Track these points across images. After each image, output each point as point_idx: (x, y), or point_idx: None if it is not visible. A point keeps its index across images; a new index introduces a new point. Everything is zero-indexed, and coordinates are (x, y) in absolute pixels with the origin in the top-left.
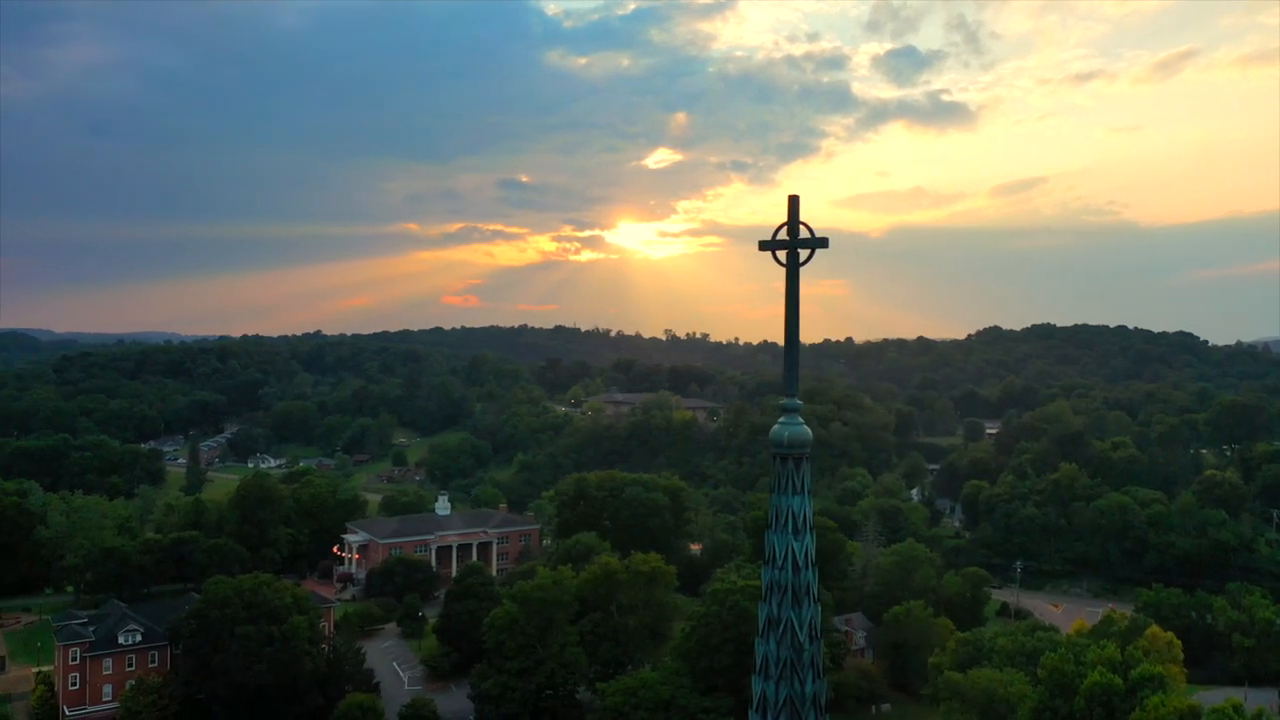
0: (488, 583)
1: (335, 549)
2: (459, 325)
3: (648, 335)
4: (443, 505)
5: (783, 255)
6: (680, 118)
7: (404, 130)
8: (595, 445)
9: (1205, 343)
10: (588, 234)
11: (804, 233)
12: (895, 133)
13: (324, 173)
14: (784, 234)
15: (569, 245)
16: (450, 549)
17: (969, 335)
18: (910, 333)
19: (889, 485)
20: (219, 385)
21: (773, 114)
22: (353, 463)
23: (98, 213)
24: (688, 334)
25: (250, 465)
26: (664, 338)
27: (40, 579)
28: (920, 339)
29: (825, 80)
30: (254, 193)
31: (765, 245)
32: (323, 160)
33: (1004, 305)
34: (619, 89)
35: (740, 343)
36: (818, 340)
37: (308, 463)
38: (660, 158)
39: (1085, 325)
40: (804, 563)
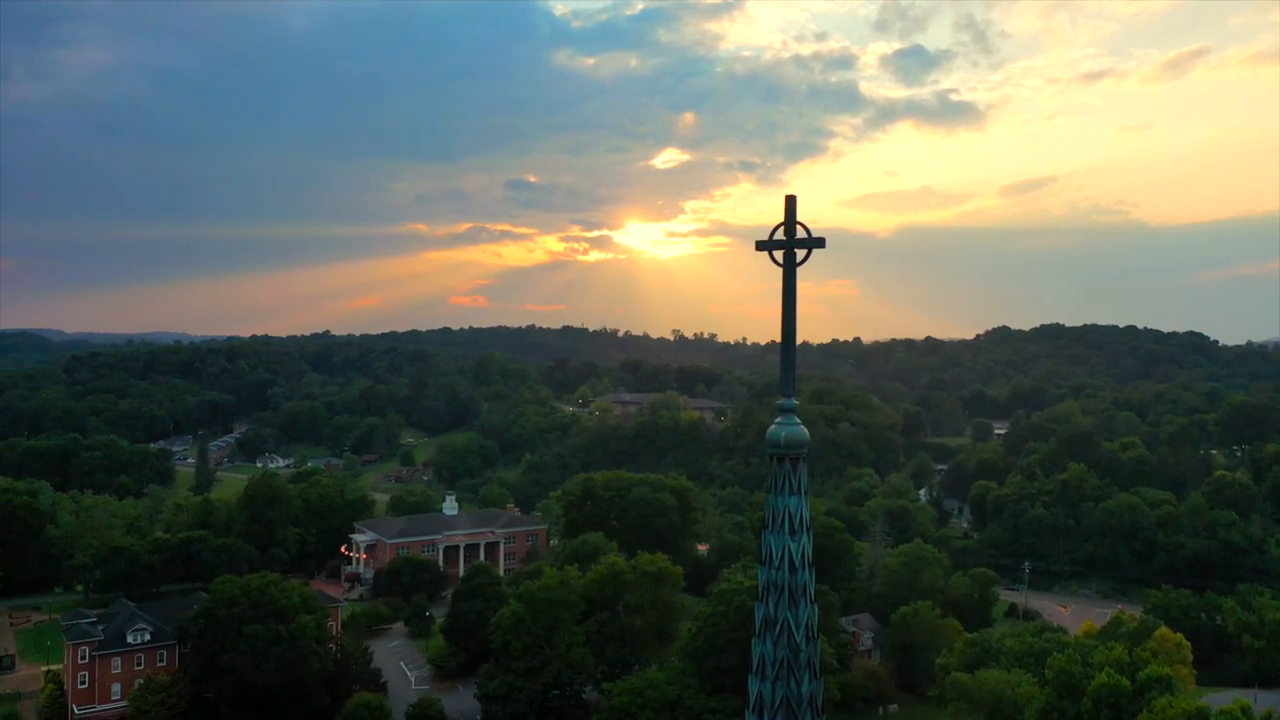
0: (494, 583)
1: (343, 549)
2: (467, 325)
3: (655, 335)
4: (450, 505)
5: (780, 255)
6: (688, 118)
7: (412, 131)
8: (602, 445)
9: (1215, 343)
10: (595, 234)
11: (801, 232)
12: (903, 132)
13: (332, 173)
14: (781, 234)
15: (577, 245)
16: (457, 549)
17: (977, 335)
18: (918, 333)
19: (897, 485)
20: (228, 385)
21: (780, 114)
22: (361, 462)
23: (107, 213)
24: (695, 334)
25: (259, 465)
26: (671, 338)
27: (50, 578)
28: (928, 339)
29: (833, 80)
30: (262, 193)
31: (762, 245)
32: (331, 161)
33: (1013, 305)
34: (627, 89)
35: (748, 343)
36: (825, 340)
37: (316, 462)
38: (668, 158)
39: (1094, 325)
40: (801, 563)
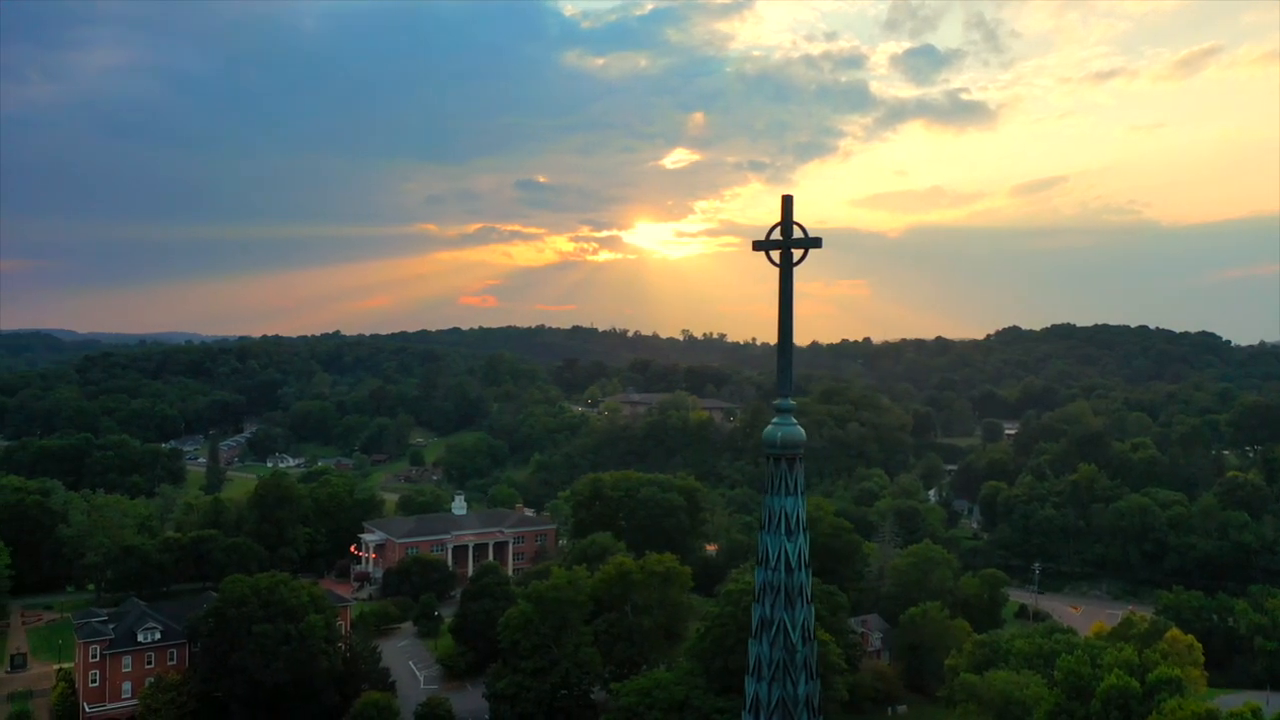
0: (503, 582)
1: (352, 548)
2: (477, 325)
3: (665, 335)
4: (459, 505)
5: (776, 256)
6: (698, 118)
7: (422, 131)
8: (612, 445)
9: (1228, 343)
10: (605, 234)
11: (798, 232)
12: (914, 132)
13: (343, 174)
14: (778, 234)
15: (586, 245)
16: (466, 549)
17: (988, 335)
18: (929, 333)
19: (906, 486)
20: (239, 385)
21: (790, 114)
22: (370, 462)
23: (119, 214)
24: (705, 334)
25: (269, 465)
26: (681, 338)
27: (62, 577)
28: (939, 339)
29: (843, 80)
30: (273, 194)
31: (759, 245)
32: (341, 162)
33: (1023, 305)
34: (636, 89)
35: (757, 343)
36: (835, 340)
37: (326, 462)
38: (678, 158)
39: (1106, 325)
40: (797, 564)
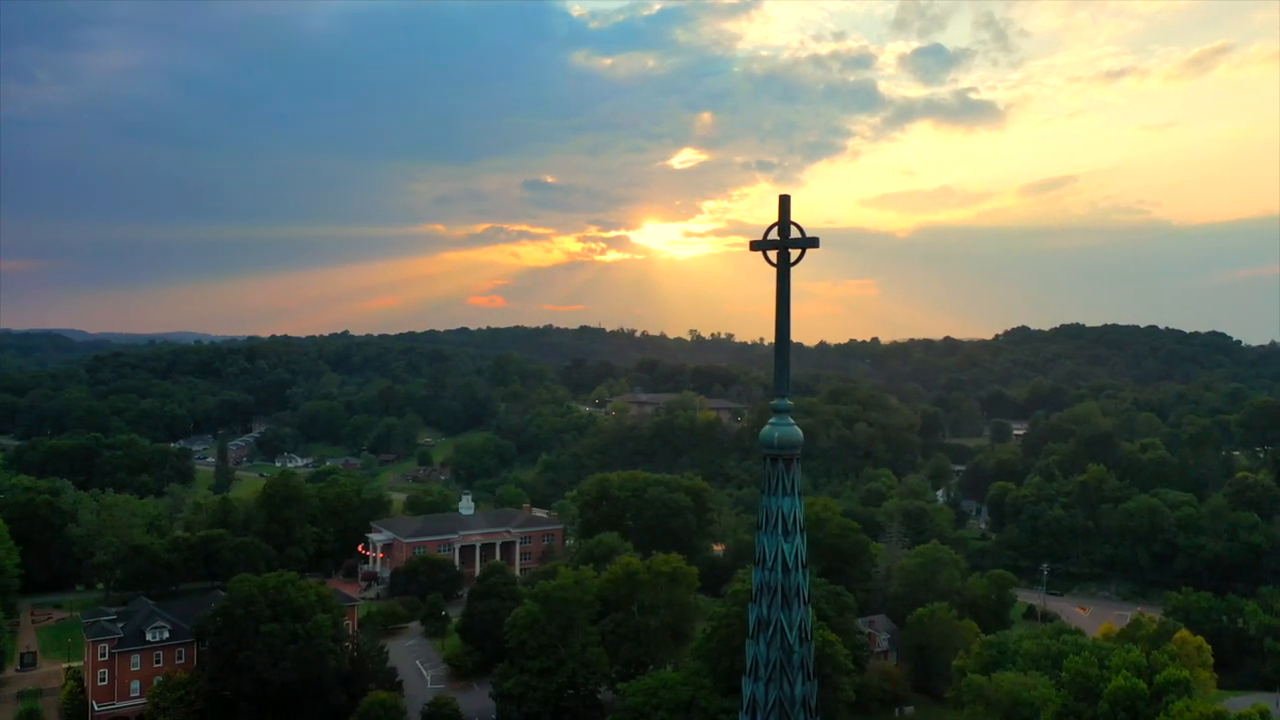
0: (510, 582)
1: (360, 548)
2: (485, 326)
3: (672, 335)
4: (466, 505)
5: (774, 256)
6: (705, 118)
7: (430, 132)
8: (619, 445)
9: (1239, 343)
10: (613, 234)
11: (795, 233)
12: (922, 132)
13: (351, 174)
14: (775, 234)
15: (594, 246)
16: (473, 548)
17: (996, 335)
18: (937, 333)
19: (914, 486)
20: (247, 385)
21: (798, 113)
22: (378, 462)
23: (129, 215)
24: (712, 334)
25: (277, 464)
26: (689, 338)
27: (71, 576)
28: (947, 339)
29: (851, 79)
30: (282, 195)
31: (756, 245)
32: (350, 162)
33: (1032, 305)
34: (644, 89)
35: (765, 343)
36: (843, 340)
37: (334, 462)
38: (685, 158)
39: (1115, 325)
40: (794, 564)
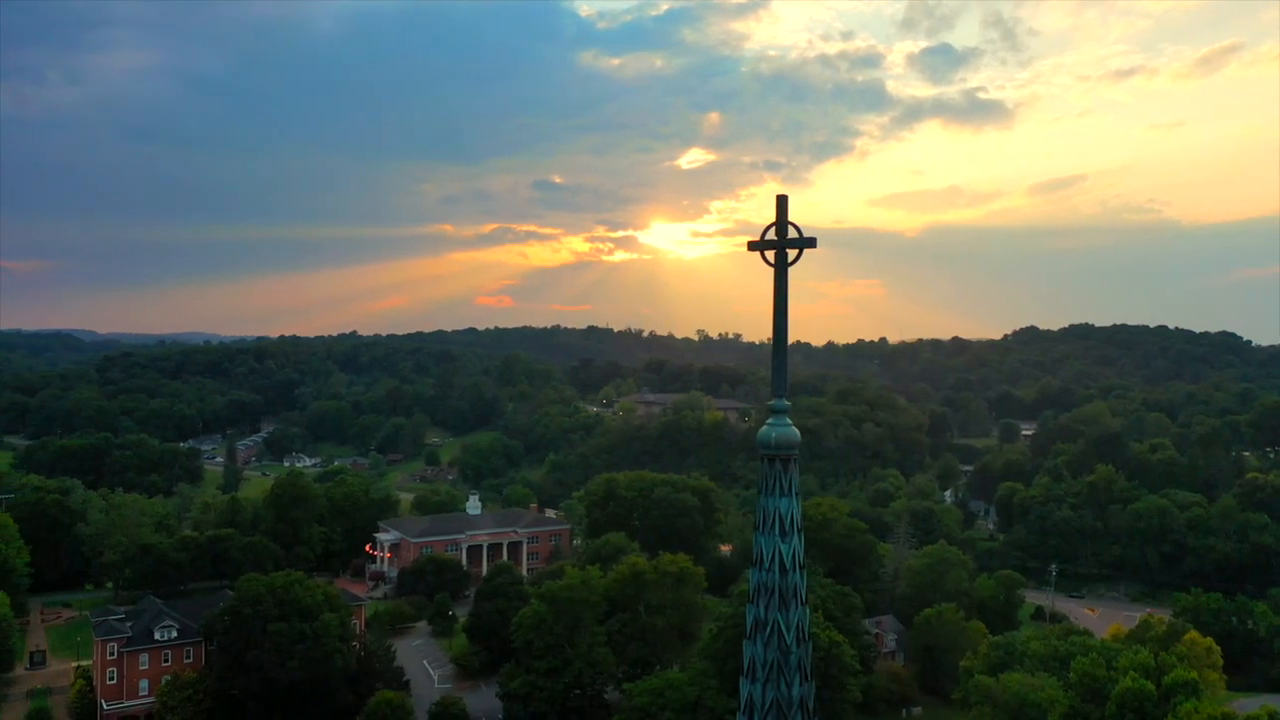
0: (517, 582)
1: (367, 547)
2: (493, 326)
3: (680, 335)
4: (474, 505)
5: (771, 256)
6: (713, 117)
7: (438, 132)
8: (626, 445)
9: (1249, 343)
10: (621, 234)
11: (793, 233)
12: (931, 131)
13: (358, 175)
14: (772, 234)
15: (602, 246)
16: (481, 548)
17: (1005, 335)
18: (945, 333)
19: (922, 487)
20: (256, 385)
21: (806, 113)
22: (386, 462)
23: (138, 215)
24: (720, 334)
25: (286, 464)
26: (696, 338)
27: (80, 575)
28: (955, 339)
29: (859, 79)
30: (290, 195)
31: (754, 245)
32: (357, 162)
33: (1041, 305)
34: (652, 89)
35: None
36: (851, 340)
37: (342, 462)
38: (693, 158)
39: (1124, 325)
40: (791, 565)
